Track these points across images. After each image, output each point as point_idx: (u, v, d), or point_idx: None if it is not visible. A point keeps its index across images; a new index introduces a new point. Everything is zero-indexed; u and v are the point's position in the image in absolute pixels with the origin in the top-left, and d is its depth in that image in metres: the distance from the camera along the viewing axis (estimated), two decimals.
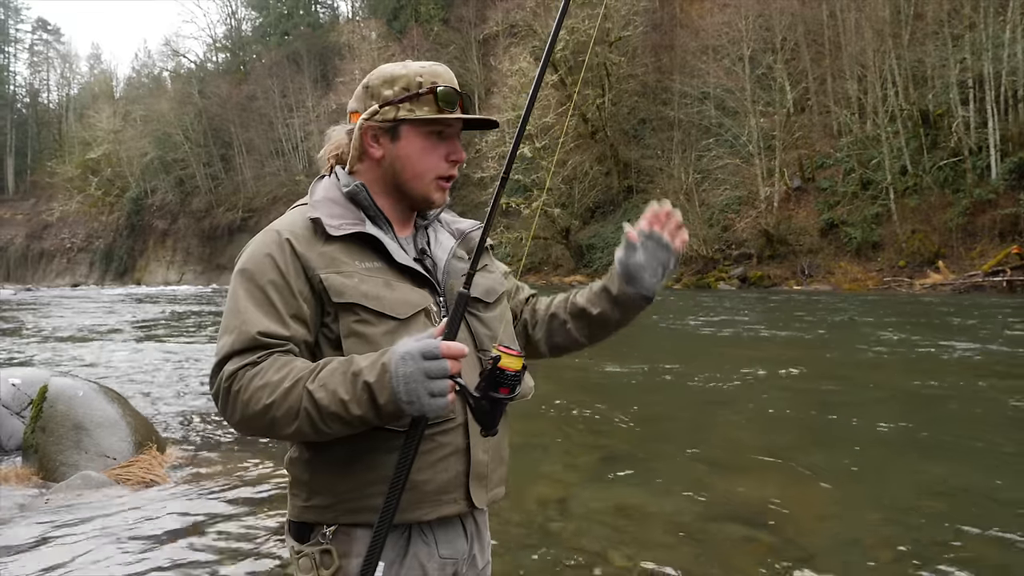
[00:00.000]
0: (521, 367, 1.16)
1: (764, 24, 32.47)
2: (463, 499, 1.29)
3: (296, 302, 1.23)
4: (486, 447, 1.32)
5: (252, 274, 1.25)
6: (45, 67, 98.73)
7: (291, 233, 1.27)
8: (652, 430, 6.31)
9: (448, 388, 1.10)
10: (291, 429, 1.15)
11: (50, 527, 3.99)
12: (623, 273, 1.46)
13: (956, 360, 9.28)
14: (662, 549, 3.59)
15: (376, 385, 1.10)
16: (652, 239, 1.45)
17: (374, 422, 1.14)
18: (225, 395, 1.19)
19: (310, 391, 1.13)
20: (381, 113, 1.33)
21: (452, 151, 1.35)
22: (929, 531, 3.76)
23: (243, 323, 1.21)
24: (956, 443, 5.52)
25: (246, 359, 1.19)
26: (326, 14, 74.32)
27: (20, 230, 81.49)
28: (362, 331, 1.22)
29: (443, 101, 1.31)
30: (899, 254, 25.46)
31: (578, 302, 1.53)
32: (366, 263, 1.27)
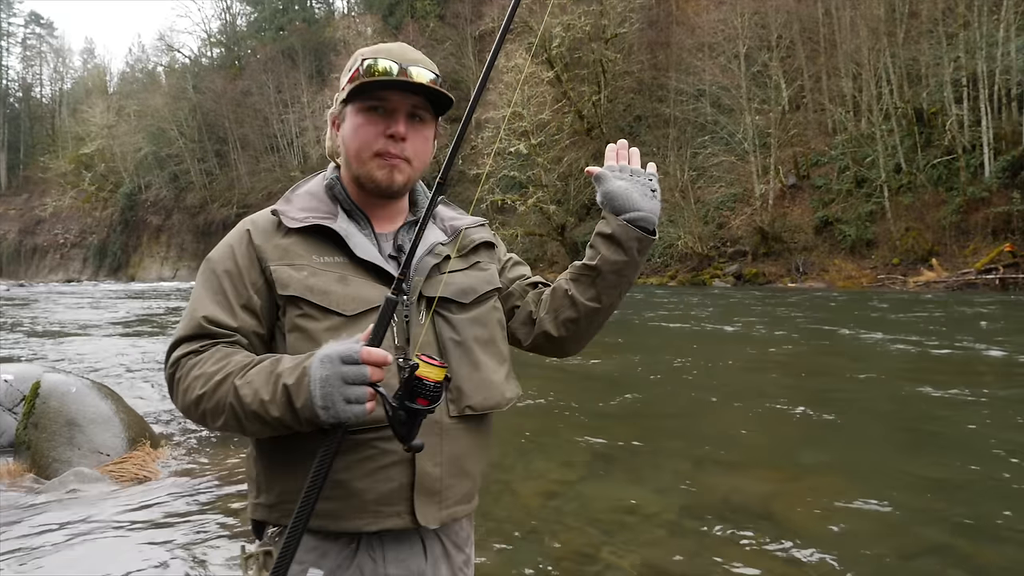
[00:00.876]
0: (443, 378, 1.09)
1: (760, 22, 32.52)
2: (407, 513, 1.20)
3: (247, 292, 1.22)
4: (438, 459, 1.22)
5: (212, 263, 1.26)
6: (38, 61, 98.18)
7: (253, 224, 1.28)
8: (648, 427, 6.32)
9: (366, 395, 1.06)
10: (219, 423, 1.14)
11: (43, 524, 3.98)
12: (609, 204, 1.35)
13: (952, 358, 9.31)
14: (658, 547, 3.60)
15: (294, 388, 1.07)
16: (624, 170, 1.38)
17: (294, 426, 1.10)
18: (169, 381, 1.21)
19: (236, 387, 1.11)
20: (336, 101, 1.33)
21: (390, 126, 1.26)
22: (927, 528, 3.78)
23: (194, 309, 1.22)
24: (954, 440, 5.54)
25: (192, 346, 1.19)
26: (321, 9, 74.05)
27: (13, 225, 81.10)
28: (305, 326, 1.18)
29: (368, 74, 1.25)
30: (893, 252, 25.55)
31: (577, 263, 1.41)
32: (325, 257, 1.23)
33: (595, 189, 1.39)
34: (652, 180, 1.38)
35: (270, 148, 60.74)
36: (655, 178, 1.39)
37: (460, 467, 1.26)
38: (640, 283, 30.92)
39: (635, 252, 1.33)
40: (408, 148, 1.28)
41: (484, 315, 1.34)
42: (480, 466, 1.32)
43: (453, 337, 1.27)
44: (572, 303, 1.38)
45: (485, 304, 1.35)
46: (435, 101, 1.31)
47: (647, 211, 1.34)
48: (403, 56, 1.28)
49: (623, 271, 1.35)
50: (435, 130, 1.36)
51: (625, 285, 1.38)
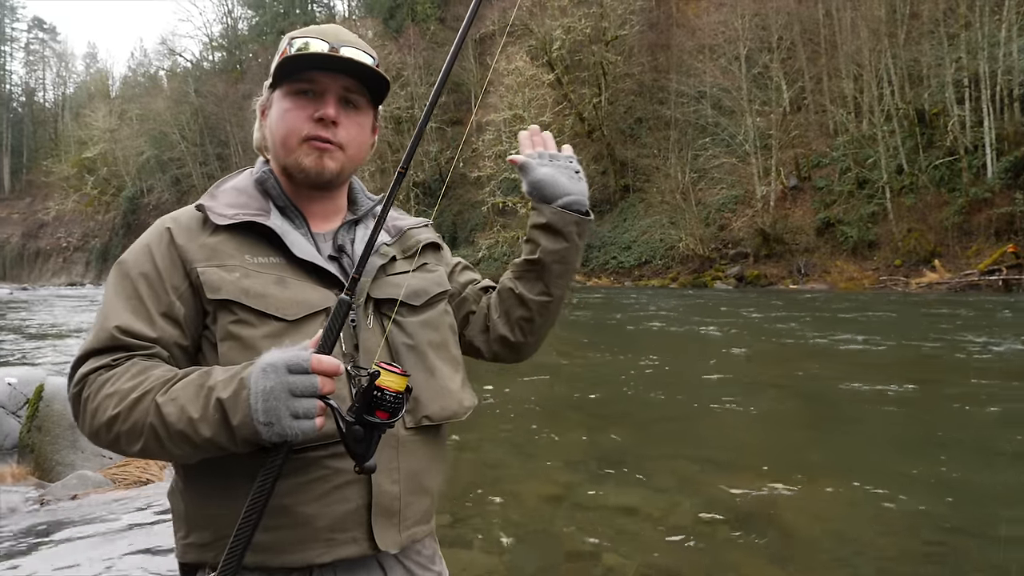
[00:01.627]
0: (404, 388, 0.97)
1: (760, 23, 32.54)
2: (364, 539, 1.06)
3: (168, 298, 1.07)
4: (396, 476, 1.09)
5: (126, 266, 1.11)
6: (41, 66, 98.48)
7: (174, 221, 1.13)
8: (650, 430, 6.32)
9: (316, 409, 0.92)
10: (137, 447, 0.98)
11: (46, 526, 3.99)
12: (538, 194, 1.30)
13: (957, 359, 9.30)
14: (659, 550, 3.60)
15: (229, 402, 0.93)
16: (543, 156, 1.33)
17: (228, 447, 0.95)
18: (75, 401, 1.04)
19: (158, 404, 0.96)
20: (265, 87, 1.22)
21: (319, 108, 1.14)
22: (931, 532, 3.77)
23: (105, 318, 1.06)
24: (958, 442, 5.53)
25: (102, 360, 1.03)
26: (322, 13, 74.19)
27: (16, 229, 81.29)
28: (240, 333, 1.04)
29: (295, 53, 1.14)
30: (895, 253, 25.53)
31: (517, 260, 1.34)
32: (259, 257, 1.10)
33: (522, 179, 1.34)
34: (573, 162, 1.34)
35: None
36: (575, 159, 1.35)
37: (419, 483, 1.14)
38: (641, 285, 30.92)
39: (575, 236, 1.30)
40: (341, 133, 1.16)
41: (436, 318, 1.24)
42: (438, 481, 1.21)
43: (406, 342, 1.16)
44: (521, 301, 1.32)
45: (436, 307, 1.25)
46: (372, 88, 1.19)
47: (577, 193, 1.30)
48: (336, 36, 1.18)
49: (566, 258, 1.30)
50: (373, 119, 1.24)
51: (571, 272, 1.33)
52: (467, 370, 1.28)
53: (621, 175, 38.03)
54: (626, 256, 33.80)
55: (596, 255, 34.74)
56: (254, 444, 0.95)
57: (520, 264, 1.33)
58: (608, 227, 35.92)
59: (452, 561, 3.24)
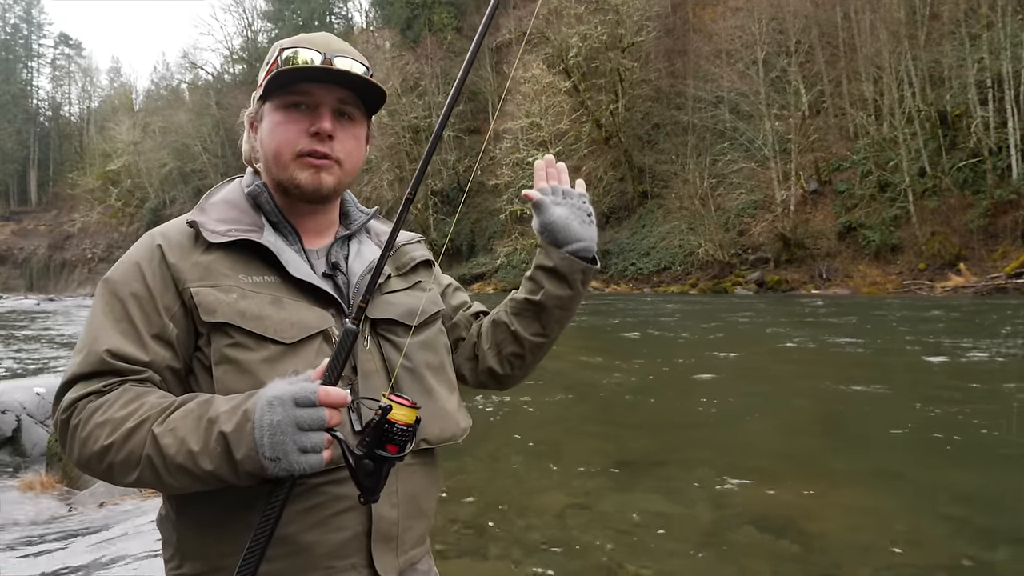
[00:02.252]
0: (414, 420, 0.95)
1: (778, 27, 32.35)
2: (364, 566, 1.05)
3: (161, 320, 1.02)
4: (395, 500, 1.07)
5: (115, 284, 1.06)
6: (67, 81, 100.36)
7: (164, 238, 1.09)
8: (670, 436, 6.28)
9: (324, 443, 0.90)
10: (131, 478, 0.94)
11: (73, 534, 4.05)
12: (550, 236, 1.27)
13: (983, 364, 9.16)
14: (681, 557, 3.58)
15: (233, 436, 0.90)
16: (557, 192, 1.29)
17: (229, 480, 0.92)
18: (63, 429, 0.99)
19: (156, 435, 0.92)
20: (254, 99, 1.18)
21: (314, 122, 1.10)
22: (957, 540, 3.72)
23: (94, 341, 1.01)
24: (985, 448, 5.45)
25: (91, 386, 0.98)
26: (340, 25, 74.92)
27: (43, 241, 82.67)
28: (237, 357, 1.00)
29: (285, 65, 1.11)
30: (919, 257, 25.20)
31: (517, 296, 1.31)
32: (253, 276, 1.06)
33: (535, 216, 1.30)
34: (585, 202, 1.31)
35: None
36: (586, 199, 1.32)
37: (417, 507, 1.12)
38: (661, 291, 30.78)
39: (579, 284, 1.27)
40: (337, 147, 1.12)
41: (432, 339, 1.21)
42: (433, 504, 1.19)
43: (404, 364, 1.12)
44: (515, 339, 1.30)
45: (432, 327, 1.22)
46: (365, 98, 1.16)
47: (587, 240, 1.27)
48: (327, 45, 1.13)
49: (567, 305, 1.28)
50: (367, 130, 1.21)
51: (569, 317, 1.31)
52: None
53: (639, 181, 37.93)
54: (645, 262, 33.67)
55: (615, 262, 34.64)
56: (257, 478, 0.92)
57: (520, 302, 1.31)
58: (627, 233, 35.81)
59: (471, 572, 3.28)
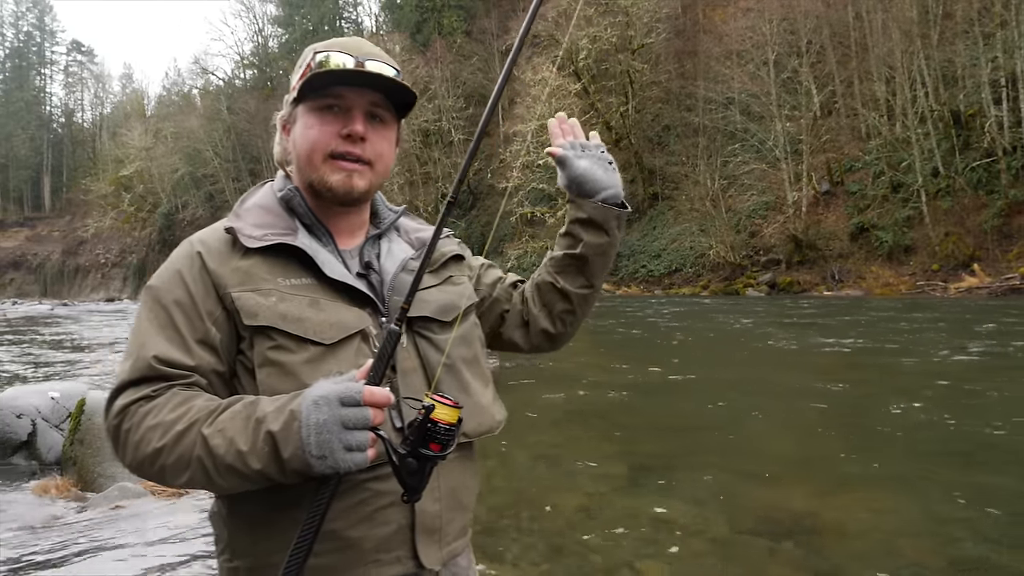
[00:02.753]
0: (457, 420, 0.98)
1: (789, 28, 32.22)
2: (409, 558, 1.08)
3: (204, 325, 1.06)
4: (437, 494, 1.10)
5: (158, 292, 1.09)
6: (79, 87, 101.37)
7: (203, 245, 1.12)
8: (682, 439, 6.26)
9: (368, 441, 0.93)
10: (183, 479, 0.98)
11: (89, 537, 4.07)
12: (578, 188, 1.32)
13: (995, 365, 9.07)
14: (694, 562, 3.56)
15: (281, 435, 0.93)
16: (575, 146, 1.34)
17: (277, 479, 0.96)
18: (115, 433, 1.03)
19: (205, 437, 0.95)
20: (287, 102, 1.20)
21: (346, 125, 1.13)
22: (969, 544, 3.68)
23: (141, 347, 1.05)
24: (1002, 452, 5.39)
25: (141, 391, 1.02)
26: (350, 29, 75.27)
27: (56, 246, 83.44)
28: (279, 359, 1.04)
29: (319, 68, 1.13)
30: (932, 257, 25.00)
31: (556, 254, 1.36)
32: (291, 279, 1.09)
33: (560, 172, 1.35)
34: (604, 152, 1.36)
35: None
36: (604, 148, 1.37)
37: (458, 500, 1.16)
38: (672, 293, 30.69)
39: (615, 229, 1.33)
40: (369, 149, 1.15)
41: (467, 333, 1.23)
42: (473, 497, 1.22)
43: (440, 359, 1.15)
44: (563, 295, 1.35)
45: (466, 321, 1.24)
46: (396, 101, 1.19)
47: (614, 186, 1.32)
48: (359, 49, 1.16)
49: (607, 251, 1.34)
50: (397, 133, 1.24)
51: (608, 263, 1.36)
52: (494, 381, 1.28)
53: (650, 183, 37.86)
54: (656, 264, 33.59)
55: (625, 264, 34.56)
56: (303, 476, 0.95)
57: (560, 259, 1.35)
58: (637, 235, 35.73)
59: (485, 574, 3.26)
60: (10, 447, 5.71)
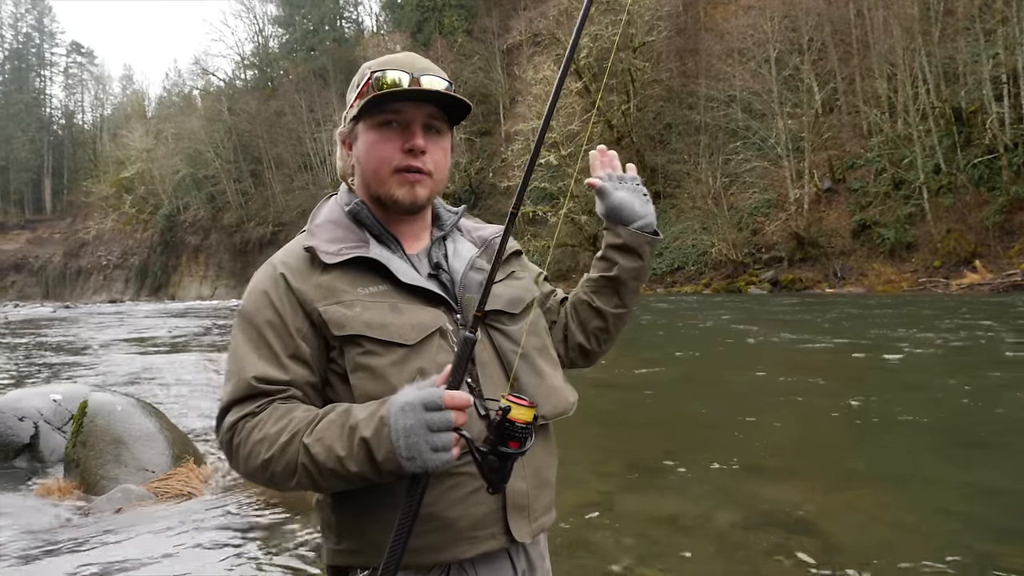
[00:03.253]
0: (532, 418, 1.06)
1: (790, 25, 32.17)
2: (502, 533, 1.19)
3: (294, 342, 1.16)
4: (523, 473, 1.20)
5: (249, 315, 1.19)
6: (79, 89, 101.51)
7: (285, 266, 1.21)
8: (686, 437, 6.25)
9: (452, 442, 1.02)
10: (292, 483, 1.09)
11: (91, 539, 4.07)
12: (616, 217, 1.42)
13: (999, 362, 9.06)
14: (697, 559, 3.55)
15: (373, 440, 1.02)
16: (613, 178, 1.43)
17: (373, 479, 1.06)
18: (228, 447, 1.15)
19: (306, 445, 1.06)
20: (346, 119, 1.28)
21: (408, 139, 1.21)
22: (973, 539, 3.67)
23: (241, 369, 1.15)
24: (1001, 447, 5.38)
25: (245, 409, 1.13)
26: (351, 29, 75.30)
27: (58, 248, 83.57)
28: (369, 363, 1.13)
29: (378, 86, 1.21)
30: (934, 254, 24.97)
31: (592, 276, 1.46)
32: (369, 288, 1.18)
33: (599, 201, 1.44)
34: (640, 184, 1.46)
35: (304, 167, 61.72)
36: (639, 181, 1.47)
37: (542, 477, 1.27)
38: (674, 291, 30.67)
39: (647, 254, 1.44)
40: (428, 160, 1.23)
41: (534, 322, 1.33)
42: (554, 473, 1.33)
43: (514, 349, 1.24)
44: (599, 314, 1.45)
45: (533, 311, 1.34)
46: (449, 110, 1.26)
47: (649, 216, 1.43)
48: (412, 65, 1.24)
49: (639, 275, 1.44)
50: (451, 140, 1.32)
51: (640, 286, 1.47)
52: None
53: (651, 181, 37.78)
54: (658, 263, 33.54)
55: None
56: (396, 475, 1.04)
57: (596, 280, 1.45)
58: None
59: None
60: (12, 450, 5.71)
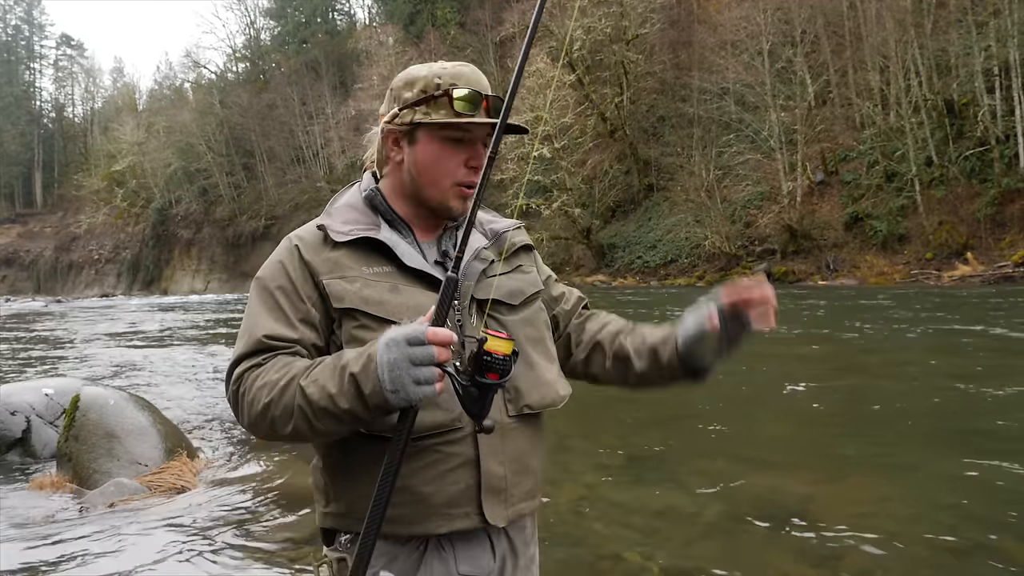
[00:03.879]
0: (511, 351, 1.10)
1: (783, 17, 32.15)
2: (476, 514, 1.23)
3: (305, 306, 1.24)
4: (501, 458, 1.25)
5: (264, 281, 1.28)
6: (70, 82, 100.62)
7: (300, 240, 1.30)
8: (679, 428, 6.27)
9: (435, 375, 1.05)
10: (289, 428, 1.13)
11: (84, 533, 4.06)
12: (684, 351, 1.40)
13: (990, 353, 9.11)
14: (690, 548, 3.57)
15: (361, 375, 1.07)
16: (736, 320, 1.39)
17: (363, 416, 1.10)
18: (234, 398, 1.21)
19: (302, 387, 1.11)
20: (400, 116, 1.31)
21: (472, 157, 1.30)
22: (965, 528, 3.70)
23: (253, 327, 1.23)
24: (993, 437, 5.42)
25: (253, 361, 1.20)
26: (343, 21, 74.85)
27: (49, 243, 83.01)
28: (362, 337, 1.19)
29: (460, 104, 1.27)
30: (926, 246, 25.07)
31: (626, 346, 1.47)
32: (374, 267, 1.26)
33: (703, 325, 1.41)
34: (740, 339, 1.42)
35: (296, 160, 61.43)
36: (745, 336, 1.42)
37: (523, 464, 1.29)
38: (668, 284, 30.73)
39: (674, 383, 1.45)
40: (477, 173, 1.30)
41: (532, 316, 1.38)
42: (540, 462, 1.35)
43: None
44: (604, 371, 1.49)
45: (532, 305, 1.39)
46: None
47: (704, 368, 1.41)
48: (479, 83, 1.31)
49: (656, 385, 1.47)
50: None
51: (653, 388, 1.49)
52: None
53: (645, 174, 37.82)
54: (651, 255, 33.59)
55: (621, 255, 34.56)
56: (385, 411, 1.09)
57: (624, 353, 1.46)
58: (632, 227, 35.73)
59: None
60: (5, 444, 5.70)
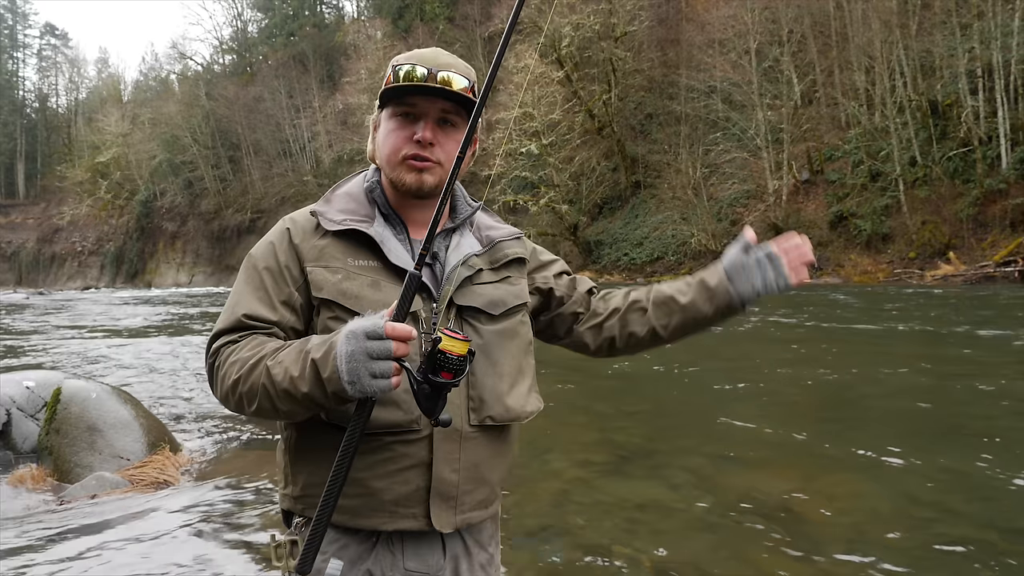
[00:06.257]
0: (466, 352, 1.10)
1: (770, 16, 32.32)
2: (423, 516, 1.23)
3: (288, 289, 1.25)
4: (456, 466, 1.24)
5: (254, 260, 1.30)
6: (53, 72, 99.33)
7: (293, 223, 1.31)
8: (665, 425, 6.31)
9: (391, 370, 1.06)
10: (255, 406, 1.15)
11: (65, 528, 4.03)
12: (729, 269, 1.43)
13: (974, 351, 9.22)
14: (675, 543, 3.59)
15: (321, 362, 1.08)
16: (772, 261, 1.41)
17: (322, 401, 1.10)
18: (209, 370, 1.24)
19: (268, 367, 1.13)
20: (376, 106, 1.37)
21: (418, 130, 1.29)
22: (951, 525, 3.74)
23: (235, 304, 1.25)
24: (977, 436, 5.49)
25: (230, 337, 1.22)
26: (331, 14, 74.41)
27: (31, 234, 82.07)
28: (336, 328, 1.18)
29: (401, 77, 1.28)
30: (909, 245, 25.31)
31: (664, 290, 1.48)
32: (359, 261, 1.26)
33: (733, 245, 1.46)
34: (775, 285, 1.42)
35: (283, 153, 61.06)
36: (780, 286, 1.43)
37: (478, 474, 1.28)
38: (654, 281, 30.77)
39: (719, 315, 1.44)
40: (438, 151, 1.30)
41: (512, 328, 1.36)
42: (499, 474, 1.33)
43: (479, 343, 1.28)
44: (645, 323, 1.47)
45: (513, 317, 1.37)
46: (468, 105, 1.32)
47: (746, 295, 1.41)
48: (434, 61, 1.30)
49: (702, 322, 1.45)
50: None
51: (695, 331, 1.48)
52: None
53: (632, 171, 37.91)
54: (638, 252, 33.70)
55: (607, 252, 34.64)
56: (343, 400, 1.09)
57: (664, 296, 1.47)
58: (619, 224, 35.81)
59: None
60: None
